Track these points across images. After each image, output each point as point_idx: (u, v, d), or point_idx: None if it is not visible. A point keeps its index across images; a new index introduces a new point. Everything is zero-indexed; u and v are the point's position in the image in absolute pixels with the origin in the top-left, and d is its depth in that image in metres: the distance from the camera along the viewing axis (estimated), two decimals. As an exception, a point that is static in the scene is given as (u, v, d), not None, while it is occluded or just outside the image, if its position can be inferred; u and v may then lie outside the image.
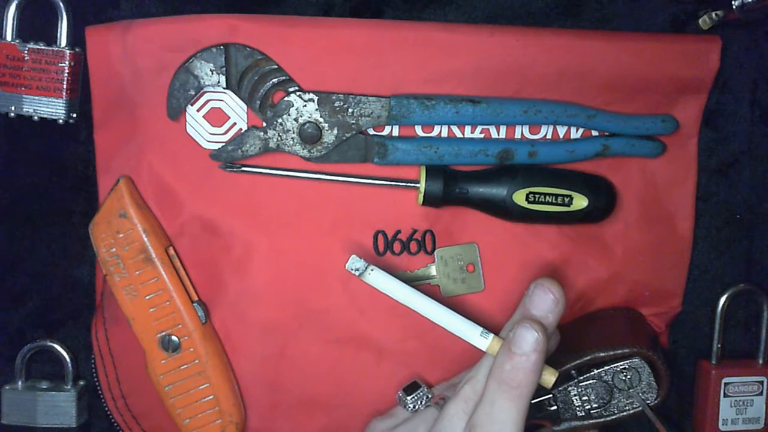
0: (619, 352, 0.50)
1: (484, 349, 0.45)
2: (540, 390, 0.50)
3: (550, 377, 0.44)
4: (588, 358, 0.50)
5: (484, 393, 0.44)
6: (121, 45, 0.50)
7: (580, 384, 0.50)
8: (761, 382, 0.57)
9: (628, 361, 0.50)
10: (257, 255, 0.53)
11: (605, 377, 0.50)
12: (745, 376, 0.57)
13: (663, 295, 0.56)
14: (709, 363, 0.58)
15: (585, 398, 0.50)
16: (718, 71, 0.52)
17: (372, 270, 0.47)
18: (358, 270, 0.47)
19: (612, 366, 0.50)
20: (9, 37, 0.50)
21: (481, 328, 0.45)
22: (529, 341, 0.43)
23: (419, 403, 0.51)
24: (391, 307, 0.51)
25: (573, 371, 0.51)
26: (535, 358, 0.43)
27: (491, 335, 0.45)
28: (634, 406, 0.50)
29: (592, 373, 0.50)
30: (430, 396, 0.51)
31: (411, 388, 0.52)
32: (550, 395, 0.51)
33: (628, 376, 0.50)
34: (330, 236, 0.53)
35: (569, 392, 0.50)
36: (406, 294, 0.47)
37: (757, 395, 0.57)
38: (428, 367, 0.55)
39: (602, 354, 0.50)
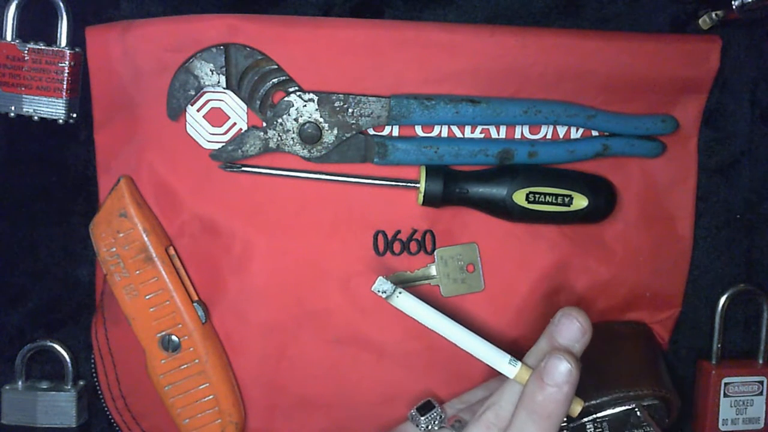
0: (641, 392, 0.50)
1: (511, 377, 0.44)
2: None
3: (576, 407, 0.44)
4: (609, 398, 0.50)
5: (513, 422, 0.43)
6: (121, 45, 0.50)
7: (597, 420, 0.50)
8: (761, 382, 0.57)
9: (647, 402, 0.50)
10: (257, 255, 0.53)
11: (621, 415, 0.50)
12: (745, 376, 0.57)
13: (663, 295, 0.56)
14: (709, 363, 0.58)
15: (599, 430, 0.50)
16: (718, 71, 0.52)
17: (400, 293, 0.45)
18: (385, 293, 0.45)
19: (630, 407, 0.50)
20: (9, 37, 0.50)
21: (509, 356, 0.44)
22: (562, 372, 0.42)
23: (433, 423, 0.50)
24: (391, 307, 0.51)
25: (591, 408, 0.50)
26: (567, 390, 0.42)
27: (519, 363, 0.44)
28: None
29: (609, 412, 0.50)
30: (443, 416, 0.50)
31: (425, 407, 0.50)
32: (564, 424, 0.50)
33: (644, 414, 0.50)
34: (330, 236, 0.53)
35: (585, 425, 0.50)
36: (434, 319, 0.45)
37: (757, 395, 0.57)
38: (428, 368, 0.54)
39: (622, 395, 0.50)
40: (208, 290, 0.54)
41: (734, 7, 0.51)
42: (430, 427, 0.50)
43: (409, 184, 0.52)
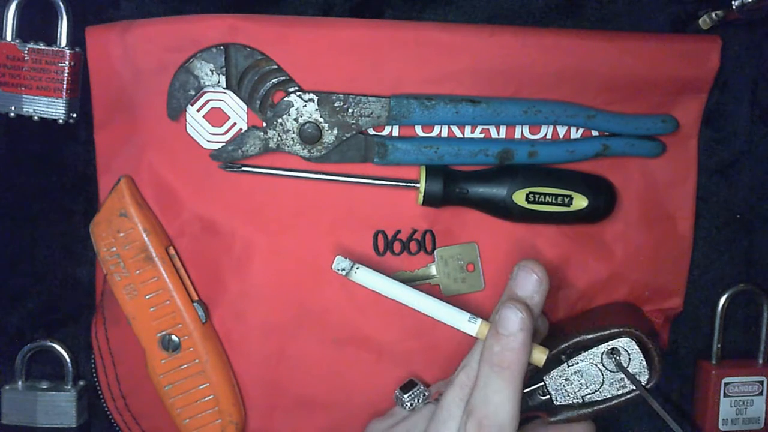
0: (606, 332, 0.50)
1: (473, 334, 0.46)
2: (531, 379, 0.50)
3: (540, 355, 0.45)
4: (575, 340, 0.50)
5: (478, 377, 0.44)
6: (121, 45, 0.50)
7: (570, 368, 0.50)
8: (761, 382, 0.57)
9: (614, 341, 0.49)
10: (257, 255, 0.53)
11: (594, 360, 0.50)
12: (745, 376, 0.57)
13: (663, 294, 0.56)
14: (709, 363, 0.58)
15: (577, 383, 0.50)
16: (718, 71, 0.52)
17: (358, 268, 0.47)
18: (344, 270, 0.47)
19: (599, 347, 0.50)
20: (9, 37, 0.50)
21: (468, 314, 0.46)
22: (514, 321, 0.43)
23: (416, 400, 0.51)
24: (390, 307, 0.51)
25: (562, 356, 0.50)
26: (523, 337, 0.43)
27: (479, 320, 0.46)
28: (627, 388, 0.50)
29: (580, 355, 0.50)
30: (426, 393, 0.51)
31: (407, 386, 0.52)
32: (542, 383, 0.50)
33: (617, 357, 0.49)
34: (330, 236, 0.53)
35: (560, 377, 0.50)
36: (394, 289, 0.47)
37: (757, 395, 0.57)
38: (427, 367, 0.54)
39: (588, 336, 0.50)
40: (208, 290, 0.54)
41: (734, 7, 0.51)
42: (413, 404, 0.51)
43: (409, 184, 0.52)
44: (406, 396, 0.51)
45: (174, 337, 0.52)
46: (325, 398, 0.55)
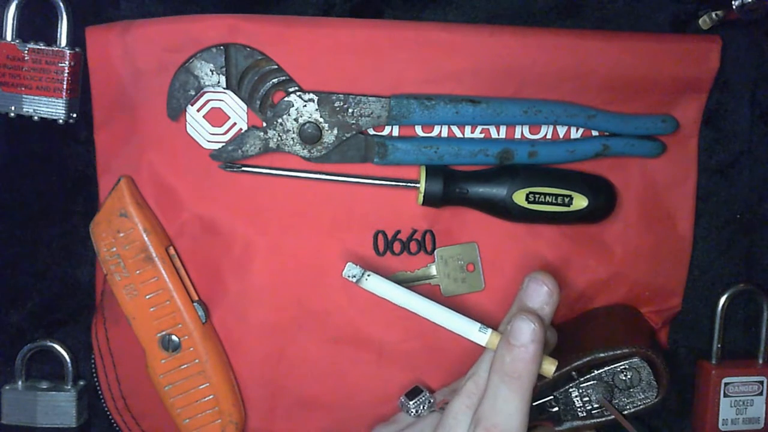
0: (619, 352, 0.50)
1: (483, 345, 0.46)
2: (541, 392, 0.50)
3: (549, 366, 0.45)
4: (588, 359, 0.50)
5: (487, 386, 0.45)
6: (121, 45, 0.50)
7: (581, 385, 0.50)
8: (761, 382, 0.57)
9: (628, 361, 0.50)
10: (257, 255, 0.53)
11: (605, 377, 0.50)
12: (745, 376, 0.57)
13: (663, 294, 0.56)
14: (709, 363, 0.58)
15: (586, 398, 0.50)
16: (718, 71, 0.52)
17: (369, 276, 0.47)
18: (354, 277, 0.47)
19: (612, 366, 0.50)
20: (9, 37, 0.50)
21: (479, 324, 0.46)
22: (526, 332, 0.44)
23: (422, 408, 0.51)
24: (391, 307, 0.51)
25: (573, 372, 0.51)
26: (534, 349, 0.44)
27: (489, 330, 0.46)
28: (635, 405, 0.50)
29: (593, 374, 0.50)
30: (432, 401, 0.51)
31: (413, 393, 0.52)
32: (552, 396, 0.51)
33: (629, 376, 0.50)
34: (330, 236, 0.53)
35: (570, 393, 0.50)
36: (404, 297, 0.47)
37: (757, 395, 0.57)
38: (428, 368, 0.55)
39: (602, 355, 0.50)
40: (208, 290, 0.54)
41: (734, 7, 0.51)
42: (419, 411, 0.51)
43: (409, 184, 0.52)
44: (411, 403, 0.51)
45: (174, 337, 0.52)
46: (325, 398, 0.55)
